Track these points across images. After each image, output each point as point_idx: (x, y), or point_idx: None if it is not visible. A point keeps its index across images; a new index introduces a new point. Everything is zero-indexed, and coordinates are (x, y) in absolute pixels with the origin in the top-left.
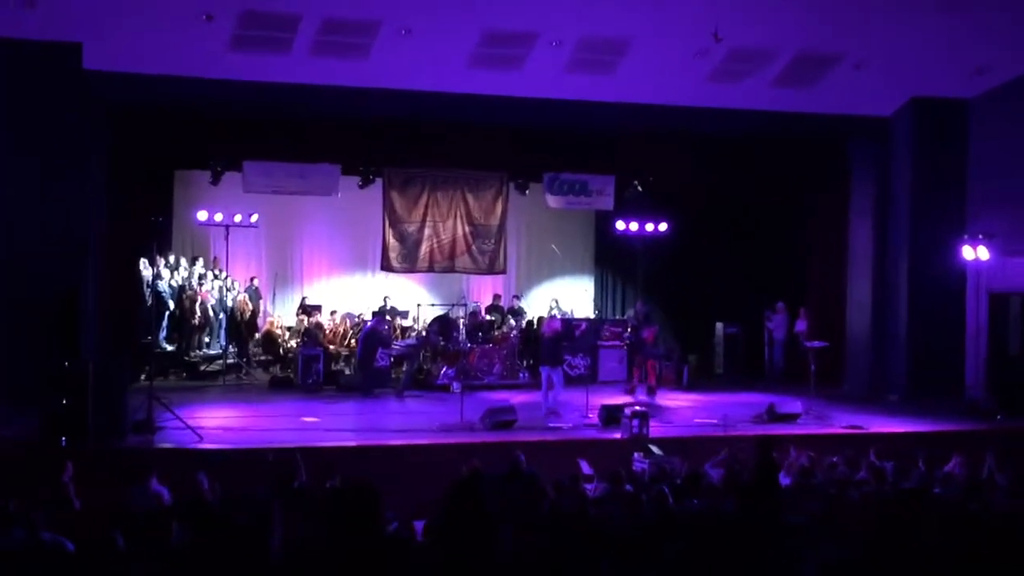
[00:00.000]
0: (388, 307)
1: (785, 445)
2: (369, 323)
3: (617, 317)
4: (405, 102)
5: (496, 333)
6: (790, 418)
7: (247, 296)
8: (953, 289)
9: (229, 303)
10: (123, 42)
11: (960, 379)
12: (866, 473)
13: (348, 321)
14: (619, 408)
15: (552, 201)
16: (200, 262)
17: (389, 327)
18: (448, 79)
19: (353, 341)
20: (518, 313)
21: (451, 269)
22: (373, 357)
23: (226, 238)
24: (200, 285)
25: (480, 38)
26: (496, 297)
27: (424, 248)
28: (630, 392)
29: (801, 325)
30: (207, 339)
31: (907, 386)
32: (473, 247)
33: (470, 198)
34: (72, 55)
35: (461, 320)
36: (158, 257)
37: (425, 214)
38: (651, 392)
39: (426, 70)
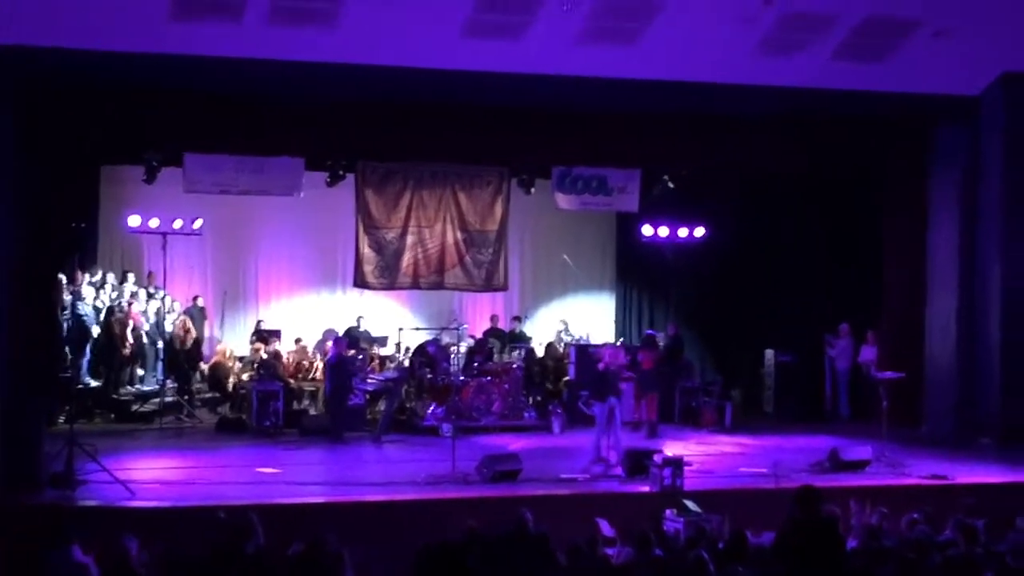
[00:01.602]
0: (361, 330)
1: (845, 499)
2: (332, 349)
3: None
4: (382, 81)
5: (496, 364)
6: (858, 466)
7: (188, 319)
8: None
9: (168, 328)
10: (36, 9)
11: None
12: (952, 533)
13: (319, 351)
14: (647, 454)
15: (563, 201)
16: (132, 278)
17: (363, 355)
18: (435, 52)
19: (320, 374)
20: (519, 338)
21: (440, 285)
22: (346, 393)
23: (163, 248)
24: (131, 306)
25: (474, 1)
26: (494, 319)
27: (407, 259)
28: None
29: (869, 352)
30: (140, 372)
31: (1002, 427)
32: (467, 258)
33: (463, 198)
34: None
35: (452, 347)
36: (80, 272)
37: (407, 218)
38: (651, 433)
39: (408, 41)
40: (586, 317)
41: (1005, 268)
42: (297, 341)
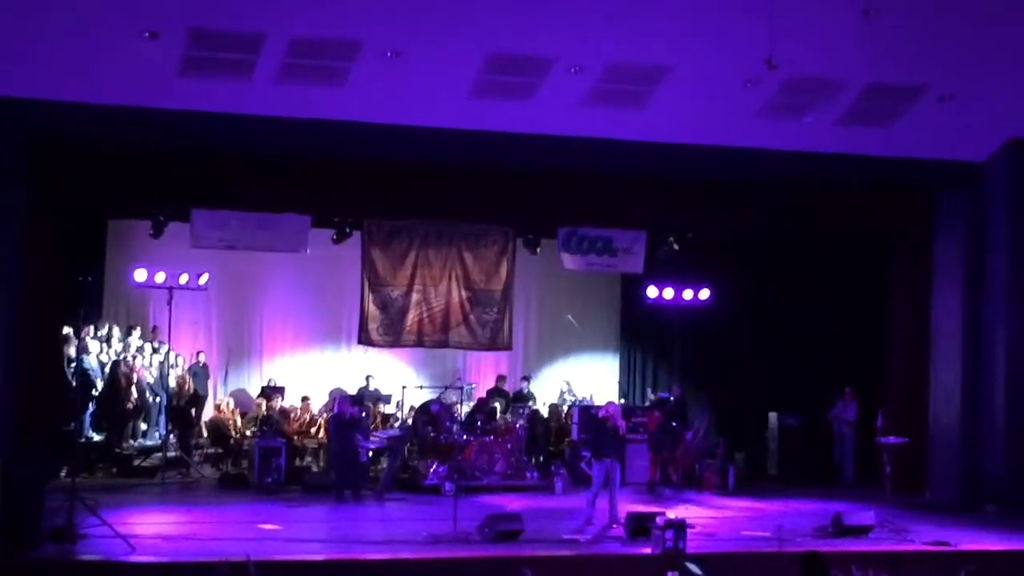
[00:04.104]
0: (371, 389)
1: (846, 564)
2: (335, 408)
3: (648, 404)
4: (390, 139)
5: (499, 423)
6: (861, 531)
7: (189, 375)
8: None
9: (172, 383)
10: (46, 63)
11: None
12: None
13: (326, 410)
14: (650, 517)
15: (569, 262)
16: (137, 332)
17: (367, 413)
18: (443, 112)
19: (324, 432)
20: (523, 398)
21: (445, 344)
22: (351, 449)
23: (169, 303)
24: (136, 360)
25: (483, 63)
26: (500, 379)
27: (411, 317)
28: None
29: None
30: (143, 427)
31: (1008, 494)
32: (471, 317)
33: (468, 257)
34: None
35: (456, 406)
36: (85, 326)
37: (413, 276)
38: (650, 489)
39: (416, 101)
40: (590, 378)
41: (1010, 335)
42: (304, 399)
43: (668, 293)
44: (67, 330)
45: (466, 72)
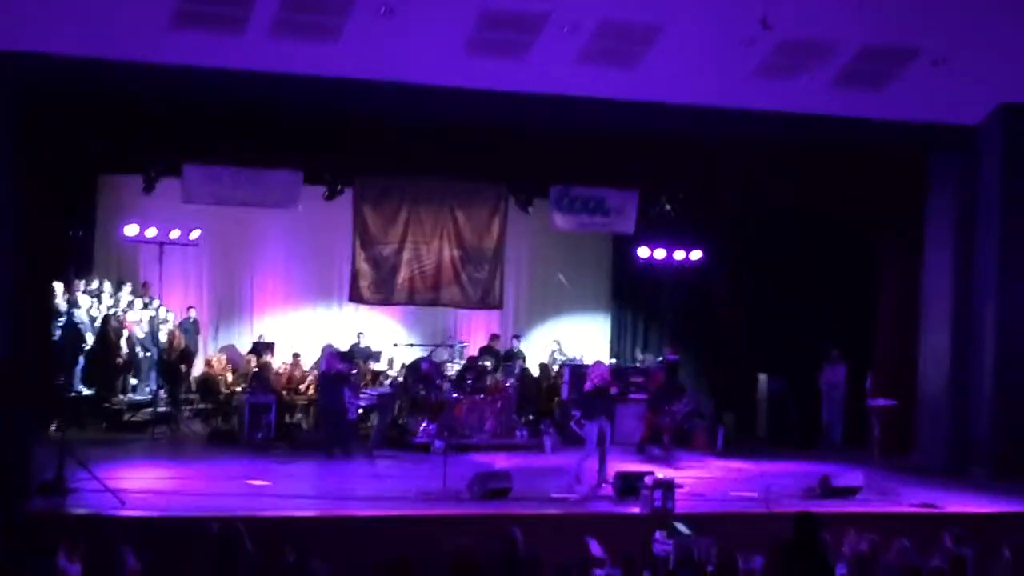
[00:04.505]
0: (362, 347)
1: (842, 526)
2: (324, 364)
3: (637, 365)
4: (383, 96)
5: (489, 381)
6: (848, 493)
7: (177, 330)
8: None
9: (162, 338)
10: (36, 15)
11: None
12: (941, 561)
13: (316, 367)
14: (638, 476)
15: (560, 221)
16: (127, 288)
17: (356, 370)
18: (436, 69)
19: (313, 388)
20: (514, 357)
21: (435, 302)
22: (340, 405)
23: (160, 258)
24: (126, 315)
25: (477, 19)
26: (494, 338)
27: (403, 275)
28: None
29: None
30: (133, 382)
31: (995, 457)
32: (462, 275)
33: (460, 216)
34: None
35: (446, 364)
36: (76, 281)
37: (404, 234)
38: (639, 449)
39: (410, 57)
40: (581, 337)
41: (1000, 298)
42: (295, 356)
43: (660, 254)
44: (57, 284)
45: (459, 29)
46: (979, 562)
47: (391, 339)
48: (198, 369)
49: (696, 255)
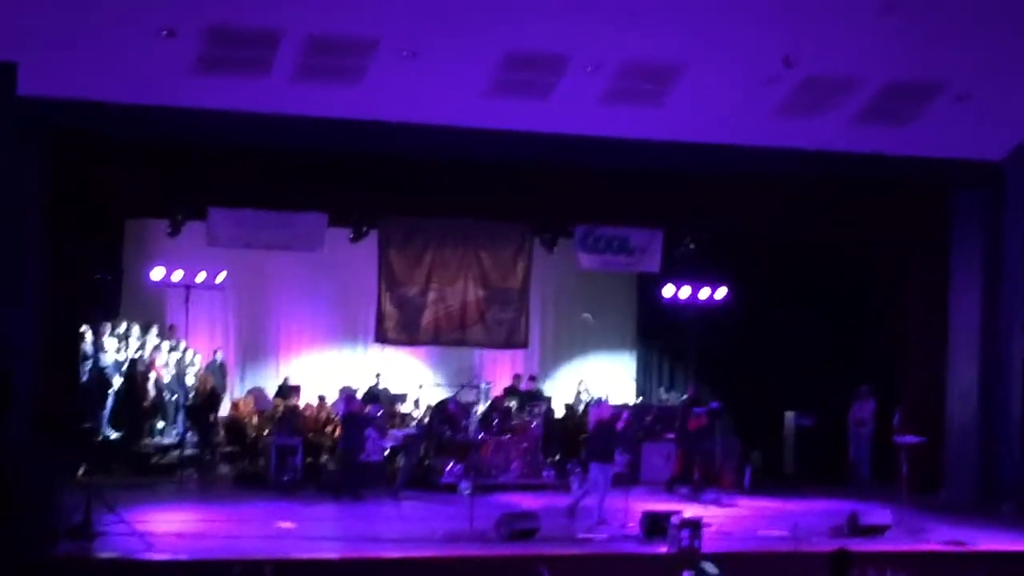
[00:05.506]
0: (380, 388)
1: (863, 565)
2: (343, 406)
3: (664, 403)
4: (407, 138)
5: (515, 422)
6: (877, 531)
7: (208, 373)
8: None
9: (189, 381)
10: (66, 62)
11: None
12: None
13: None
14: (665, 516)
15: (585, 260)
16: (154, 330)
17: (382, 411)
18: (460, 110)
19: (339, 430)
20: (536, 397)
21: (461, 342)
22: (357, 449)
23: (186, 301)
24: (154, 359)
25: (499, 61)
26: (516, 378)
27: (428, 316)
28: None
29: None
30: (160, 425)
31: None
32: (488, 315)
33: (485, 256)
34: (3, 76)
35: (473, 406)
36: (103, 324)
37: (430, 275)
38: (668, 488)
39: (433, 99)
40: (606, 377)
41: None
42: (320, 399)
43: (685, 292)
44: (85, 328)
45: (482, 71)
46: None
47: (416, 380)
48: (224, 411)
49: (721, 293)
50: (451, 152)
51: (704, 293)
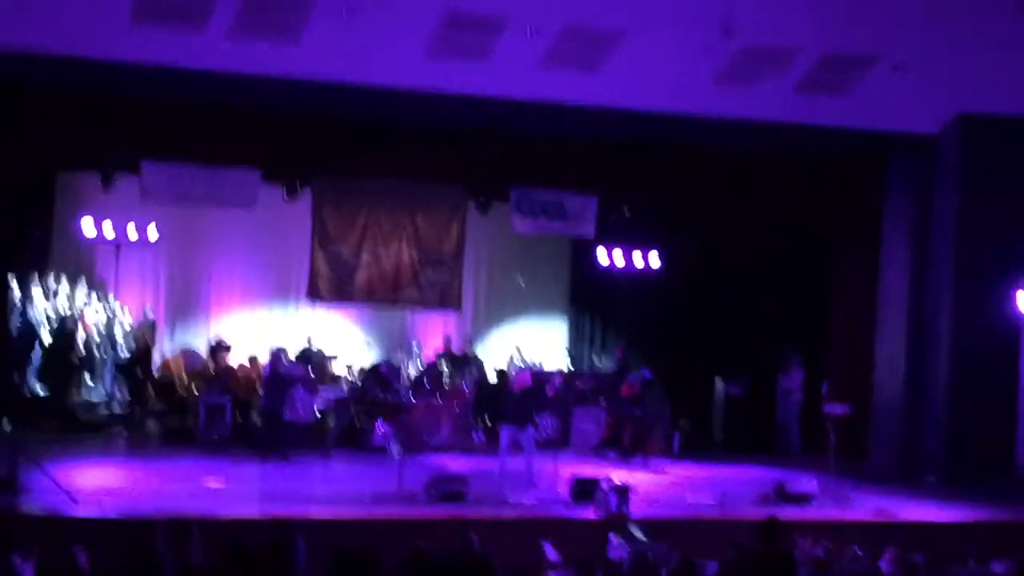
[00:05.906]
0: (315, 350)
1: (790, 533)
2: (267, 365)
3: (597, 369)
4: (343, 97)
5: (447, 385)
6: (802, 499)
7: (144, 329)
8: (1005, 347)
9: (118, 337)
10: None
11: (1012, 457)
12: (892, 568)
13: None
14: (594, 481)
15: (520, 224)
16: (84, 286)
17: (311, 372)
18: (397, 71)
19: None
20: (470, 361)
21: (393, 301)
22: (282, 406)
23: (117, 257)
24: (84, 314)
25: (438, 21)
26: (447, 340)
27: (361, 276)
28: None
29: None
30: (89, 381)
31: (947, 464)
32: (421, 276)
33: (420, 218)
34: None
35: (403, 367)
36: (31, 274)
37: (364, 235)
38: (596, 452)
39: (371, 59)
40: (539, 342)
41: (954, 309)
42: (252, 360)
43: (619, 259)
44: (11, 281)
45: (421, 31)
46: (930, 570)
47: (347, 341)
48: (154, 369)
49: (655, 261)
50: (388, 113)
51: (638, 260)
